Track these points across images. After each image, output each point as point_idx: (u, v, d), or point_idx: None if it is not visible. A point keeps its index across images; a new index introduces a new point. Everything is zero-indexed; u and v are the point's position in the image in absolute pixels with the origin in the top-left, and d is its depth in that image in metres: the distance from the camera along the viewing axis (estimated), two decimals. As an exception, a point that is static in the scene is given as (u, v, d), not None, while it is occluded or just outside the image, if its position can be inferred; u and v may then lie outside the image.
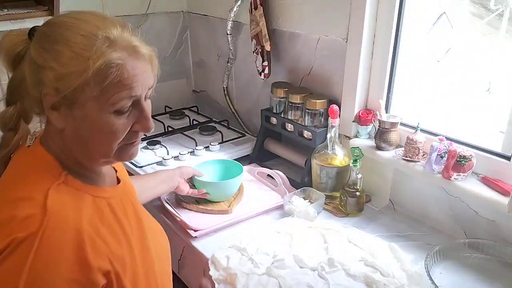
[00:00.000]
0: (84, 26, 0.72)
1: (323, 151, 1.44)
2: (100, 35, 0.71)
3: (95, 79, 0.70)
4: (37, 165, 0.77)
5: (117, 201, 0.84)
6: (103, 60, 0.70)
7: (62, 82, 0.71)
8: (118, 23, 0.75)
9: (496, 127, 1.27)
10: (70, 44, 0.71)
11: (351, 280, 1.10)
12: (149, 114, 0.79)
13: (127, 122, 0.76)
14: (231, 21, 1.81)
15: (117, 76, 0.71)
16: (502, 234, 1.20)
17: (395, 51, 1.39)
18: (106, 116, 0.74)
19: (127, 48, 0.73)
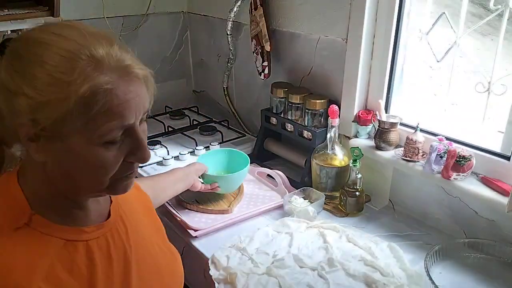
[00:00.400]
0: (63, 44, 0.60)
1: (323, 151, 1.44)
2: (84, 55, 0.59)
3: (79, 109, 0.59)
4: (3, 201, 0.67)
5: (99, 242, 0.72)
6: (88, 86, 0.58)
7: (40, 113, 0.59)
8: (105, 38, 0.63)
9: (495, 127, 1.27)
10: (47, 66, 0.59)
11: (351, 279, 1.10)
12: (145, 143, 0.68)
13: (119, 153, 0.65)
14: (231, 21, 1.81)
15: (106, 103, 0.60)
16: (502, 234, 1.21)
17: (395, 51, 1.39)
18: (94, 149, 0.62)
19: (117, 69, 0.61)
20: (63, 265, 0.66)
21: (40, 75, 0.59)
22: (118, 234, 0.76)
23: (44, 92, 0.59)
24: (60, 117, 0.59)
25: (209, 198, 1.42)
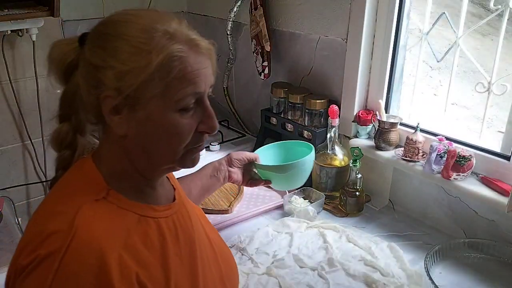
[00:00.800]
0: (140, 20, 0.68)
1: (323, 151, 1.44)
2: (159, 28, 0.66)
3: (159, 74, 0.65)
4: (80, 178, 0.71)
5: (168, 222, 0.76)
6: (166, 53, 0.65)
7: (124, 80, 0.65)
8: (176, 17, 0.70)
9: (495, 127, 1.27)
10: (128, 38, 0.66)
11: (350, 279, 1.10)
12: (213, 112, 0.73)
13: (192, 121, 0.70)
14: (231, 21, 1.81)
15: (181, 70, 0.66)
16: (502, 234, 1.21)
17: (395, 51, 1.39)
18: (171, 115, 0.67)
19: (187, 41, 0.68)
20: (139, 238, 0.69)
21: (122, 46, 0.66)
22: (183, 218, 0.80)
23: (127, 61, 0.65)
24: (142, 83, 0.65)
25: (209, 197, 1.42)
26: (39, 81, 1.74)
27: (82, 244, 0.62)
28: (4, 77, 1.69)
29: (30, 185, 1.87)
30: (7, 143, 1.78)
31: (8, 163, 1.80)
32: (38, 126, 1.80)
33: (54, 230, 0.63)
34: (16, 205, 1.84)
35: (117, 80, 0.65)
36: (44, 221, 0.66)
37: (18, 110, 1.75)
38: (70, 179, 0.72)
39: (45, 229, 0.63)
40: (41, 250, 0.61)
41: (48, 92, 1.80)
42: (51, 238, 0.62)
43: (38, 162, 1.85)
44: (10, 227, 1.47)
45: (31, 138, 1.80)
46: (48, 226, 0.63)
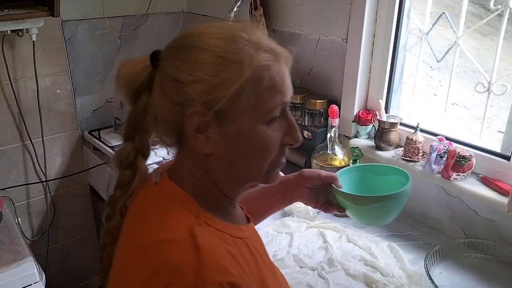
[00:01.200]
0: (220, 31, 0.65)
1: (323, 151, 1.44)
2: (244, 37, 0.63)
3: (250, 85, 0.62)
4: (172, 202, 0.67)
5: (251, 241, 0.73)
6: (256, 63, 0.62)
7: (214, 94, 0.61)
8: (253, 25, 0.67)
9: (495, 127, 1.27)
10: (213, 49, 0.62)
11: (350, 279, 1.10)
12: (296, 123, 0.70)
13: (278, 134, 0.67)
14: (231, 21, 1.81)
15: (270, 79, 0.64)
16: (502, 234, 1.21)
17: (395, 51, 1.39)
18: (260, 128, 0.64)
19: (270, 50, 0.66)
20: (241, 260, 0.65)
21: (209, 58, 0.62)
22: (256, 236, 0.80)
23: (216, 73, 0.62)
24: (234, 95, 0.62)
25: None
26: (39, 81, 1.74)
27: (213, 272, 0.58)
28: (4, 77, 1.69)
29: (30, 185, 1.87)
30: (7, 143, 1.78)
31: (8, 163, 1.80)
32: (38, 126, 1.80)
33: (180, 261, 0.58)
34: (16, 205, 1.84)
35: (206, 94, 0.62)
36: (154, 253, 0.60)
37: (18, 110, 1.75)
38: (156, 205, 0.68)
39: (167, 260, 0.58)
40: (173, 284, 0.57)
41: (48, 92, 1.80)
42: (180, 269, 0.57)
43: (38, 162, 1.85)
44: (10, 227, 1.47)
45: (31, 138, 1.80)
46: (170, 257, 0.58)
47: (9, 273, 1.24)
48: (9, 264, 1.24)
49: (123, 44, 1.98)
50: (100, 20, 1.87)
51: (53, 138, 1.88)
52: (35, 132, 1.81)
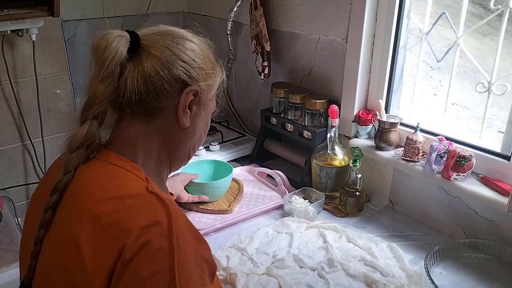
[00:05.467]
0: (191, 33, 0.83)
1: (323, 151, 1.44)
2: (211, 44, 0.84)
3: (220, 84, 0.82)
4: (127, 172, 0.73)
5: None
6: (222, 71, 0.83)
7: (209, 81, 0.78)
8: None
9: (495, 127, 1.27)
10: (200, 45, 0.79)
11: (351, 279, 1.10)
12: None
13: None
14: (231, 21, 1.81)
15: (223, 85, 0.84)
16: (502, 234, 1.21)
17: (395, 51, 1.39)
18: (210, 115, 0.84)
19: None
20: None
21: (199, 50, 0.79)
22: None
23: (210, 67, 0.79)
24: (215, 88, 0.81)
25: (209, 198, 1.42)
26: (39, 81, 1.74)
27: (183, 236, 0.66)
28: (4, 77, 1.69)
29: (30, 185, 1.87)
30: (7, 143, 1.78)
31: (8, 163, 1.80)
32: (38, 126, 1.80)
33: (157, 221, 0.64)
34: (16, 205, 1.84)
35: (204, 80, 0.77)
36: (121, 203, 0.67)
37: (18, 110, 1.75)
38: (112, 175, 0.72)
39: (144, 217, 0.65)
40: (151, 238, 0.63)
41: (48, 92, 1.80)
42: (158, 228, 0.64)
43: (38, 162, 1.85)
44: (10, 227, 1.47)
45: (31, 138, 1.80)
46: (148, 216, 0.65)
47: (9, 273, 1.24)
48: (9, 264, 1.24)
49: (123, 44, 1.98)
50: (100, 20, 1.87)
51: (53, 138, 1.88)
52: (35, 132, 1.81)
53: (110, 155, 0.75)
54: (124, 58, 0.71)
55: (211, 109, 0.84)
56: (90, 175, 0.72)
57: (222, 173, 1.46)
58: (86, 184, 0.71)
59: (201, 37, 0.82)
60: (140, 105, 0.73)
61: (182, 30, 0.80)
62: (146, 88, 0.72)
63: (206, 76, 0.78)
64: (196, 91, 0.76)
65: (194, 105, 0.78)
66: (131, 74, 0.71)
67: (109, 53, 0.69)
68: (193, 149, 0.85)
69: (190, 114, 0.78)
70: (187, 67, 0.75)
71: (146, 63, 0.72)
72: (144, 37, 0.74)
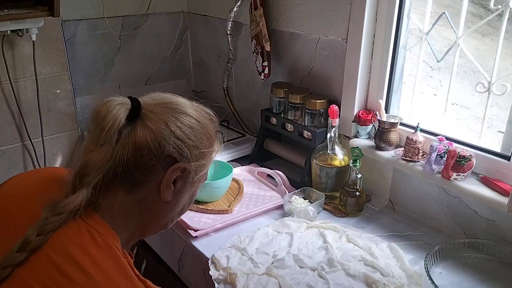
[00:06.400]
0: (192, 104, 0.80)
1: (323, 151, 1.44)
2: (213, 117, 0.83)
3: (211, 160, 0.81)
4: (110, 246, 0.70)
5: None
6: (218, 147, 0.83)
7: (201, 161, 0.77)
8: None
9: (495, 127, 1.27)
10: (202, 123, 0.78)
11: (351, 280, 1.10)
12: None
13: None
14: (231, 21, 1.81)
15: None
16: (502, 234, 1.21)
17: (395, 51, 1.39)
18: (198, 188, 0.83)
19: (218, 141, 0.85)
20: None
21: (196, 126, 0.76)
22: None
23: (206, 146, 0.77)
24: (206, 167, 0.80)
25: (208, 198, 1.42)
26: (39, 81, 1.74)
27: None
28: (4, 77, 1.69)
29: (30, 185, 1.87)
30: (7, 143, 1.78)
31: (8, 163, 1.80)
32: (38, 126, 1.80)
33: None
34: (16, 205, 1.83)
35: (197, 160, 0.76)
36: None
37: (18, 110, 1.75)
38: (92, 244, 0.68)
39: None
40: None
41: (48, 92, 1.80)
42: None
43: (38, 162, 1.85)
44: (10, 227, 1.47)
45: (31, 138, 1.80)
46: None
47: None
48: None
49: (123, 44, 1.98)
50: (100, 20, 1.87)
51: (53, 138, 1.88)
52: (35, 132, 1.81)
53: (94, 218, 0.71)
54: (122, 126, 0.70)
55: (200, 184, 0.82)
56: (71, 239, 0.67)
57: (222, 173, 1.46)
58: (73, 261, 0.65)
59: (204, 110, 0.81)
60: (125, 176, 0.71)
61: (186, 103, 0.78)
62: (134, 160, 0.70)
63: (200, 155, 0.76)
64: (184, 168, 0.75)
65: (180, 180, 0.76)
66: (123, 142, 0.70)
67: (108, 120, 0.69)
68: (171, 221, 0.84)
69: (174, 189, 0.76)
70: (180, 145, 0.73)
71: (140, 133, 0.71)
72: (145, 106, 0.73)
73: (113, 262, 0.68)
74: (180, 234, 1.31)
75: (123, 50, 1.99)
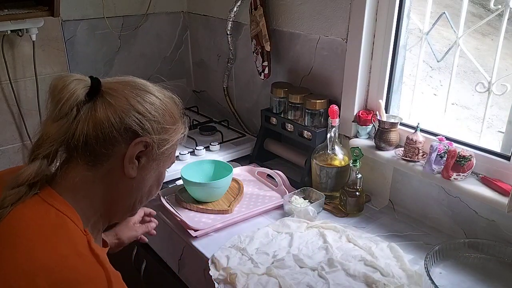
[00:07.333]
0: (158, 87, 0.82)
1: (323, 151, 1.44)
2: (178, 102, 0.83)
3: (177, 141, 0.81)
4: (67, 218, 0.71)
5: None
6: (184, 128, 0.82)
7: (165, 136, 0.77)
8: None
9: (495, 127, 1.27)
10: (163, 99, 0.78)
11: (351, 280, 1.10)
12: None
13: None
14: (231, 21, 1.81)
15: (176, 144, 0.83)
16: (502, 234, 1.21)
17: (395, 51, 1.39)
18: (162, 171, 0.83)
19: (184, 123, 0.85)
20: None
21: (160, 104, 0.77)
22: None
23: (170, 123, 0.78)
24: (172, 144, 0.79)
25: (208, 198, 1.42)
26: (39, 81, 1.74)
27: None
28: (4, 77, 1.69)
29: (30, 185, 1.87)
30: (7, 143, 1.78)
31: (8, 163, 1.80)
32: (38, 126, 1.80)
33: (92, 277, 0.65)
34: (16, 205, 1.83)
35: (159, 133, 0.76)
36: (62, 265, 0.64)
37: (18, 110, 1.75)
38: (48, 221, 0.69)
39: (75, 275, 0.64)
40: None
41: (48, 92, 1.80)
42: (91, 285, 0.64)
43: (38, 162, 1.85)
44: (10, 227, 1.47)
45: (31, 138, 1.80)
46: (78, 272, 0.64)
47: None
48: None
49: (123, 44, 1.98)
50: (100, 20, 1.87)
51: (53, 138, 1.88)
52: (35, 132, 1.80)
53: (53, 195, 0.73)
54: (80, 101, 0.71)
55: (166, 163, 0.82)
56: (27, 216, 0.69)
57: (222, 173, 1.46)
58: (21, 226, 0.68)
59: (168, 92, 0.82)
60: (86, 149, 0.72)
61: (148, 84, 0.80)
62: (95, 133, 0.72)
63: (162, 129, 0.77)
64: (147, 143, 0.75)
65: (144, 156, 0.77)
66: (83, 118, 0.72)
67: (65, 94, 0.70)
68: (140, 202, 0.83)
69: (138, 165, 0.77)
70: (140, 118, 0.74)
71: (100, 109, 0.72)
72: (106, 84, 0.75)
73: (63, 235, 0.68)
74: (180, 234, 1.31)
75: (123, 50, 1.99)
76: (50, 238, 0.67)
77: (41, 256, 0.64)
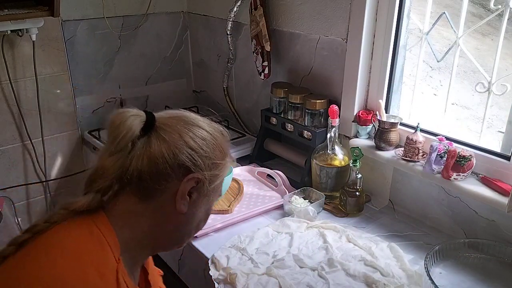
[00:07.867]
0: (206, 119, 0.82)
1: (323, 151, 1.44)
2: (226, 134, 0.83)
3: (224, 175, 0.81)
4: (103, 242, 0.71)
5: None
6: (231, 160, 0.84)
7: (215, 172, 0.78)
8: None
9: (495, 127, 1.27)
10: (213, 136, 0.78)
11: (351, 279, 1.10)
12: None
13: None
14: (231, 21, 1.81)
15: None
16: (502, 234, 1.21)
17: (395, 51, 1.39)
18: (213, 204, 0.84)
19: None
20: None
21: (209, 139, 0.77)
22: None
23: (219, 158, 0.78)
24: (221, 179, 0.80)
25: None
26: (39, 81, 1.74)
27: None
28: (4, 77, 1.69)
29: (30, 185, 1.87)
30: (7, 143, 1.78)
31: (8, 163, 1.80)
32: (38, 126, 1.80)
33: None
34: (16, 205, 1.84)
35: (210, 169, 0.77)
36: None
37: (18, 110, 1.75)
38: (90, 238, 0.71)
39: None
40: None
41: (48, 92, 1.80)
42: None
43: (38, 162, 1.85)
44: (10, 227, 1.47)
45: (31, 138, 1.80)
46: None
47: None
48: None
49: (123, 44, 1.98)
50: (100, 20, 1.87)
51: (53, 138, 1.88)
52: (35, 132, 1.81)
53: (102, 219, 0.74)
54: (136, 136, 0.72)
55: (215, 198, 0.83)
56: (71, 229, 0.71)
57: None
58: (60, 237, 0.70)
59: (216, 125, 0.82)
60: (140, 184, 0.73)
61: (198, 118, 0.80)
62: (149, 169, 0.72)
63: (213, 165, 0.77)
64: (199, 179, 0.76)
65: (195, 192, 0.77)
66: (138, 153, 0.72)
67: (122, 129, 0.71)
68: (188, 236, 0.84)
69: (190, 201, 0.77)
70: (193, 154, 0.75)
71: (154, 145, 0.73)
72: (160, 119, 0.76)
73: (95, 256, 0.69)
74: (180, 234, 1.31)
75: (123, 50, 1.99)
76: (82, 256, 0.68)
77: (64, 269, 0.65)
